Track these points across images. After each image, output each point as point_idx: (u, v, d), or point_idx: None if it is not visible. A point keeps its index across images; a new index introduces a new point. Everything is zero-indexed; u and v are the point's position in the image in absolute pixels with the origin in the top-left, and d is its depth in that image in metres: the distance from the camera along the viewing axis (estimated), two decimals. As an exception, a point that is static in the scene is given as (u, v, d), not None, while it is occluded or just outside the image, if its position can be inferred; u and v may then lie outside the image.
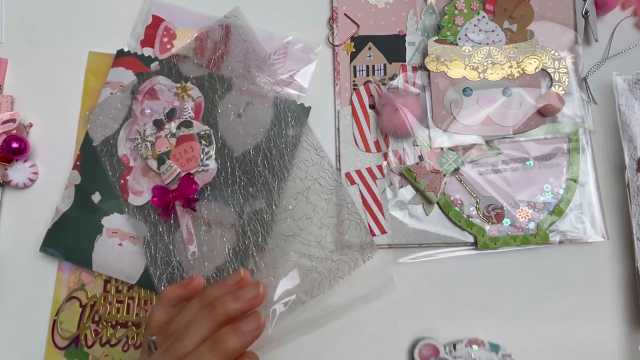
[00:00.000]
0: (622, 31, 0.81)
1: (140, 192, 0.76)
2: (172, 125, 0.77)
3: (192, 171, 0.75)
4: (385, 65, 0.79)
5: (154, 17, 0.82)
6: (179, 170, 0.75)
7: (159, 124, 0.77)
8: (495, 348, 0.71)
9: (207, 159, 0.75)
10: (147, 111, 0.78)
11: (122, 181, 0.77)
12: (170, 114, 0.77)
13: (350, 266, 0.72)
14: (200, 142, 0.76)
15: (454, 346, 0.71)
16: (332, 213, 0.74)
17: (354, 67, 0.80)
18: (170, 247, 0.74)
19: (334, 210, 0.74)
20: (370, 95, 0.79)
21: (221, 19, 0.80)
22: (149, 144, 0.76)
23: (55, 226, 0.76)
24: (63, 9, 0.84)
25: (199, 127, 0.77)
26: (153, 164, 0.76)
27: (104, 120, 0.78)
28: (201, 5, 0.82)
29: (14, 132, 0.78)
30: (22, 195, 0.80)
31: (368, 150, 0.77)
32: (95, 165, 0.77)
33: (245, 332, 0.58)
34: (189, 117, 0.77)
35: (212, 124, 0.77)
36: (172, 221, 0.75)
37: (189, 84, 0.78)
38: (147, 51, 0.80)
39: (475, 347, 0.71)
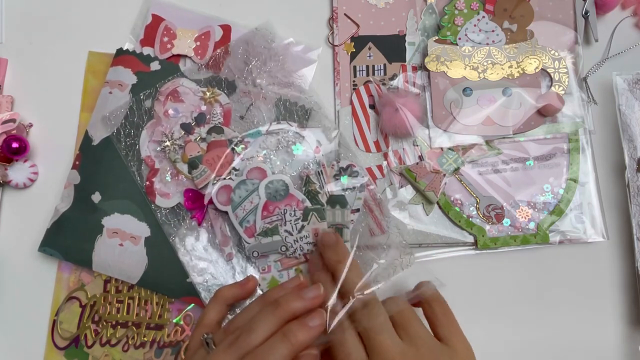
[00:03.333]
0: (622, 31, 0.81)
1: (168, 194, 0.76)
2: (202, 130, 0.77)
3: (225, 177, 0.75)
4: (385, 65, 0.79)
5: (154, 16, 0.82)
6: (213, 175, 0.75)
7: (187, 128, 0.77)
8: None
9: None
10: (171, 112, 0.77)
11: (147, 183, 0.76)
12: (199, 119, 0.77)
13: (389, 272, 0.72)
14: (233, 150, 0.76)
15: None
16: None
17: (354, 67, 0.80)
18: (202, 248, 0.76)
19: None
20: (370, 95, 0.79)
21: (252, 30, 0.81)
22: (177, 147, 0.76)
23: (54, 226, 0.76)
24: (63, 9, 0.84)
25: (230, 133, 0.77)
26: (183, 167, 0.76)
27: (103, 119, 0.77)
28: (201, 5, 0.82)
29: (14, 132, 0.78)
30: (22, 195, 0.80)
31: (368, 150, 0.78)
32: (95, 165, 0.77)
33: (311, 326, 0.60)
34: (219, 122, 0.77)
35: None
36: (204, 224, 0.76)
37: (216, 89, 0.78)
38: (147, 50, 0.80)
39: None
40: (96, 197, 0.76)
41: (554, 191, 0.75)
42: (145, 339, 0.75)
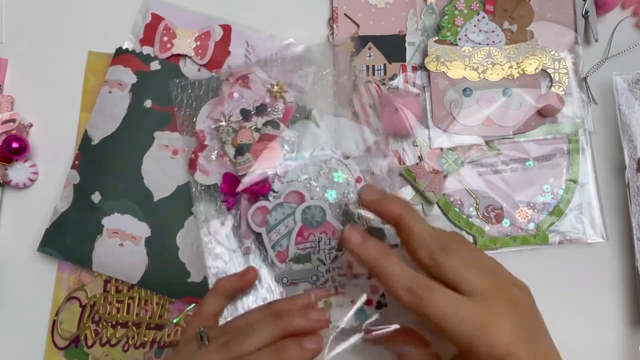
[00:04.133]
0: (622, 31, 0.81)
1: (208, 172, 0.76)
2: (259, 121, 0.76)
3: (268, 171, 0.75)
4: (385, 65, 0.79)
5: (154, 15, 0.82)
6: (256, 166, 0.75)
7: (246, 115, 0.77)
8: None
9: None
10: (236, 95, 0.78)
11: (192, 155, 0.76)
12: (260, 109, 0.77)
13: None
14: (283, 147, 0.76)
15: None
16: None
17: (354, 67, 0.80)
18: (225, 235, 0.75)
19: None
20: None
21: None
22: (230, 130, 0.76)
23: (53, 226, 0.76)
24: (63, 9, 0.84)
25: (285, 131, 0.76)
26: (230, 150, 0.75)
27: (103, 118, 0.77)
28: (201, 4, 0.82)
29: (14, 132, 0.78)
30: (22, 195, 0.80)
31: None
32: (94, 165, 0.77)
33: (307, 348, 0.58)
34: (277, 118, 0.77)
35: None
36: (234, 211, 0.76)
37: (284, 86, 0.78)
38: (147, 50, 0.80)
39: None
40: (96, 197, 0.76)
41: (554, 192, 0.75)
42: (146, 339, 0.75)
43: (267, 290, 0.72)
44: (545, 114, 0.76)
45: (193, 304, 0.75)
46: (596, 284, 0.75)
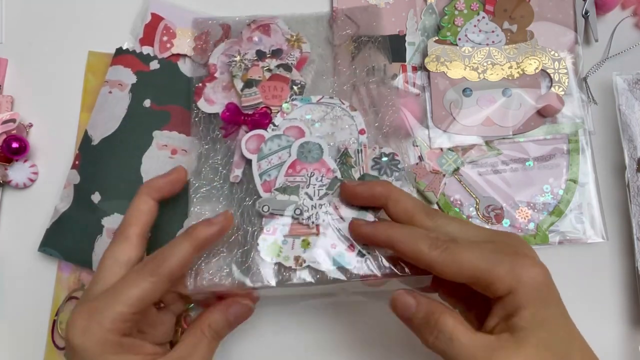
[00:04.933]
0: (622, 31, 0.81)
1: (213, 101, 0.75)
2: (273, 62, 0.76)
3: (271, 107, 0.74)
4: (385, 65, 0.79)
5: (153, 15, 0.81)
6: (261, 100, 0.74)
7: (260, 55, 0.77)
8: None
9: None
10: (255, 39, 0.79)
11: (200, 84, 0.76)
12: (276, 52, 0.77)
13: None
14: (292, 88, 0.75)
15: None
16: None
17: (354, 67, 0.80)
18: (219, 167, 0.72)
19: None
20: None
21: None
22: (243, 66, 0.76)
23: (54, 226, 0.76)
24: (63, 9, 0.84)
25: (296, 75, 0.76)
26: (239, 84, 0.75)
27: (103, 119, 0.77)
28: (201, 4, 0.82)
29: (14, 132, 0.78)
30: (22, 195, 0.80)
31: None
32: (94, 165, 0.76)
33: (214, 222, 0.61)
34: (291, 63, 0.77)
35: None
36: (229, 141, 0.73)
37: (304, 37, 0.79)
38: (147, 50, 0.80)
39: None
40: (96, 197, 0.75)
41: (554, 192, 0.76)
42: (145, 338, 0.75)
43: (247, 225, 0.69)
44: (545, 114, 0.76)
45: (191, 304, 0.74)
46: (596, 284, 0.75)
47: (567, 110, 0.76)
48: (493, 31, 0.78)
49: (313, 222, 0.66)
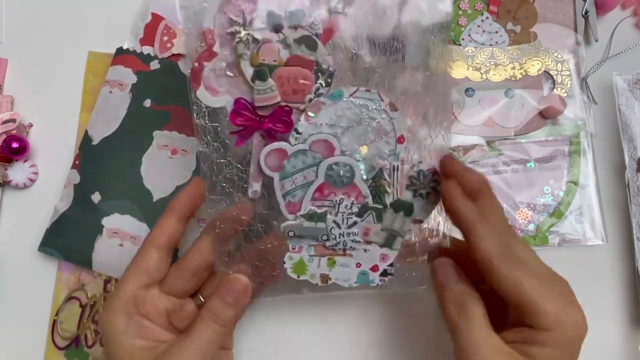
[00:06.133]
0: (622, 31, 0.81)
1: (216, 91, 0.59)
2: (291, 34, 0.57)
3: (292, 105, 0.59)
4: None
5: (154, 15, 0.81)
6: (278, 99, 0.58)
7: (275, 23, 0.57)
8: None
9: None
10: None
11: (195, 64, 0.58)
12: (296, 18, 0.57)
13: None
14: (317, 76, 0.58)
15: None
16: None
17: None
18: (235, 178, 0.62)
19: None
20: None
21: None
22: (250, 40, 0.57)
23: (54, 226, 0.76)
24: (63, 9, 0.83)
25: (323, 53, 0.58)
26: (248, 70, 0.58)
27: (103, 119, 0.77)
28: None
29: (14, 132, 0.77)
30: (22, 195, 0.79)
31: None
32: (94, 165, 0.76)
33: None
34: (316, 34, 0.58)
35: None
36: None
37: None
38: (147, 49, 0.80)
39: None
40: (96, 197, 0.75)
41: (554, 193, 0.76)
42: (146, 339, 0.75)
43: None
44: (547, 115, 0.76)
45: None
46: (596, 285, 0.76)
47: (569, 112, 0.76)
48: (496, 32, 0.78)
49: (340, 249, 0.63)
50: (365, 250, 0.63)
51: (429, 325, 0.75)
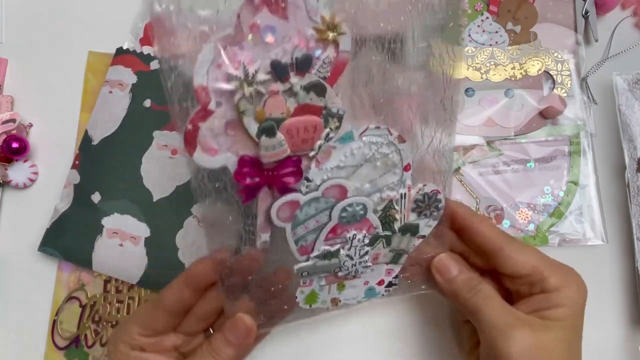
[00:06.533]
0: (622, 31, 0.81)
1: (214, 150, 0.51)
2: (299, 82, 0.50)
3: (301, 153, 0.53)
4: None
5: (153, 14, 0.81)
6: (288, 152, 0.52)
7: (281, 71, 0.49)
8: None
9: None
10: (263, 28, 0.48)
11: (189, 127, 0.49)
12: (303, 64, 0.49)
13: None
14: (327, 122, 0.52)
15: None
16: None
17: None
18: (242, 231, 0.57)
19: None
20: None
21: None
22: (253, 94, 0.49)
23: (54, 226, 0.76)
24: (63, 9, 0.83)
25: (332, 97, 0.51)
26: (252, 126, 0.50)
27: (103, 118, 0.77)
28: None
29: (14, 132, 0.77)
30: (22, 195, 0.79)
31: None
32: (94, 165, 0.76)
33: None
34: (324, 77, 0.51)
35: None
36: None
37: (343, 24, 0.49)
38: (147, 49, 0.80)
39: None
40: (96, 197, 0.75)
41: (554, 193, 0.76)
42: (147, 339, 0.75)
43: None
44: (547, 115, 0.76)
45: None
46: (596, 285, 0.75)
47: (569, 112, 0.76)
48: (496, 32, 0.78)
49: (350, 275, 0.63)
50: (372, 269, 0.63)
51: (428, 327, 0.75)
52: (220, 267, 0.57)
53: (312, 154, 0.53)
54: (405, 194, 0.59)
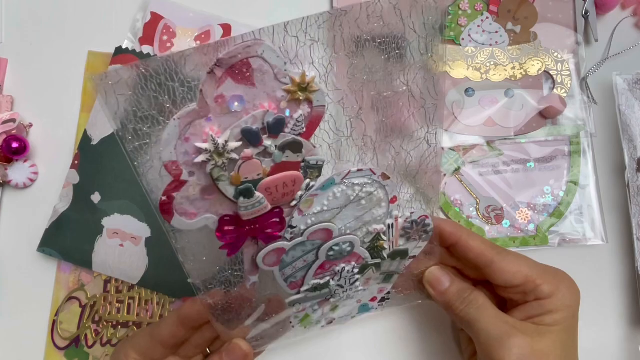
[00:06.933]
0: (622, 31, 0.81)
1: (193, 214, 0.50)
2: (273, 142, 0.49)
3: (282, 205, 0.53)
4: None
5: (153, 14, 0.81)
6: (268, 208, 0.51)
7: (252, 138, 0.48)
8: None
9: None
10: (230, 100, 0.46)
11: (164, 198, 0.49)
12: (275, 127, 0.48)
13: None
14: (306, 174, 0.51)
15: None
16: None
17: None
18: (230, 277, 0.57)
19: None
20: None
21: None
22: (226, 162, 0.48)
23: (53, 226, 0.76)
24: (63, 9, 0.83)
25: (310, 149, 0.50)
26: (229, 190, 0.50)
27: (103, 118, 0.77)
28: (201, 3, 0.82)
29: (14, 132, 0.77)
30: (22, 195, 0.79)
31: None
32: (94, 165, 0.76)
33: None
34: (299, 133, 0.49)
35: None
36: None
37: (314, 81, 0.47)
38: (147, 49, 0.80)
39: None
40: (96, 198, 0.75)
41: (554, 193, 0.76)
42: (147, 339, 0.75)
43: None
44: (547, 115, 0.76)
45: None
46: (596, 285, 0.76)
47: (569, 112, 0.76)
48: (496, 32, 0.78)
49: (341, 298, 0.64)
50: (364, 290, 0.65)
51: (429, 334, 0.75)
52: (213, 310, 0.58)
53: (293, 203, 0.53)
54: (392, 224, 0.59)
